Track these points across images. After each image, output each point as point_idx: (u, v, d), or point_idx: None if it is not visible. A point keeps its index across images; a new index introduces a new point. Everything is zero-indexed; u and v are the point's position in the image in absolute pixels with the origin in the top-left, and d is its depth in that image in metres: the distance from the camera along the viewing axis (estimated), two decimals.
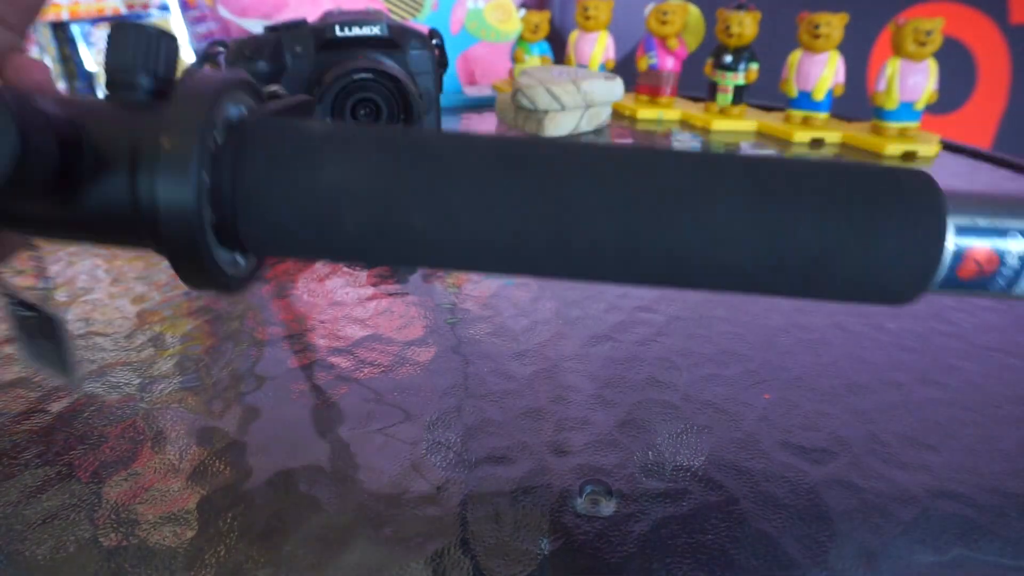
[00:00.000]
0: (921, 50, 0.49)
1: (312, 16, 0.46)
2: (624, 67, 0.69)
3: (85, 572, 0.16)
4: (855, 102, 0.61)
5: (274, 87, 0.18)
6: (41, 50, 0.93)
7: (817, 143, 0.56)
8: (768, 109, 0.63)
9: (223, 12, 0.79)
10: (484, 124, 0.63)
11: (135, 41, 0.15)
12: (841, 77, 0.54)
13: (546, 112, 0.54)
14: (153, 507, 0.18)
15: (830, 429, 0.21)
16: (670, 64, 0.63)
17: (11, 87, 0.16)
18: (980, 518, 0.18)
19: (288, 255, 0.23)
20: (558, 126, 0.55)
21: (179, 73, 0.16)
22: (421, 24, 0.69)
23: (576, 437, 0.21)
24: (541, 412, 0.22)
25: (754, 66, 0.59)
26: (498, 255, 0.15)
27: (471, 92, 0.74)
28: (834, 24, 0.52)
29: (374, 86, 0.41)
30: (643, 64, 0.64)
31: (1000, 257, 0.16)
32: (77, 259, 0.34)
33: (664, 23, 0.61)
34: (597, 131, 0.59)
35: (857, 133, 0.55)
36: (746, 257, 0.15)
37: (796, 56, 0.55)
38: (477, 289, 0.30)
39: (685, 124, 0.63)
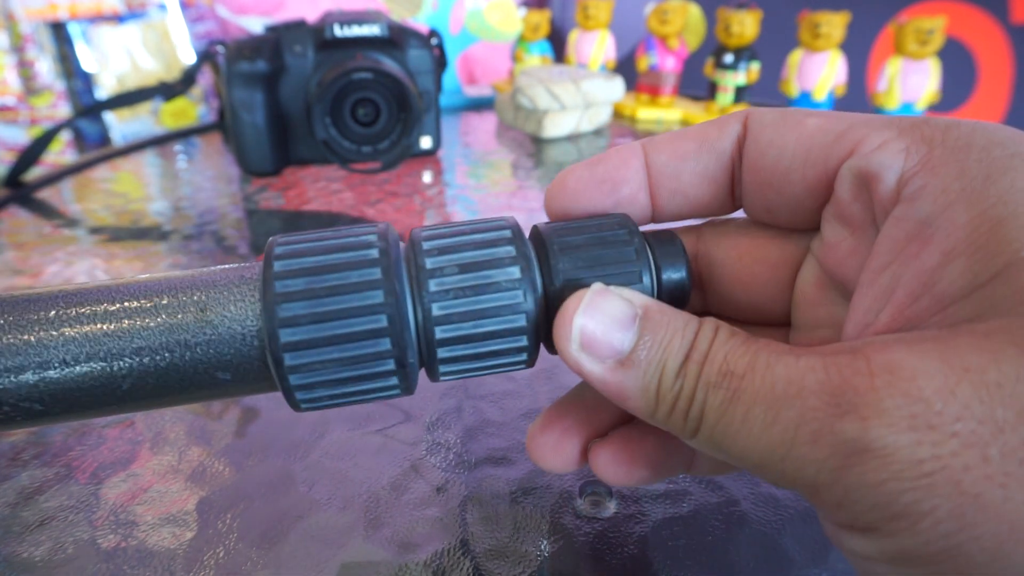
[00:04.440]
0: (922, 49, 0.49)
1: (311, 15, 0.46)
2: (624, 67, 0.69)
3: (83, 573, 0.16)
4: (856, 102, 0.61)
5: None
6: (39, 49, 0.93)
7: None
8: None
9: (221, 11, 0.79)
10: (484, 124, 0.63)
11: None
12: (842, 77, 0.54)
13: (546, 112, 0.54)
14: (152, 508, 0.18)
15: None
16: (670, 64, 0.63)
17: None
18: None
19: None
20: (558, 126, 0.55)
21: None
22: (421, 24, 0.69)
23: None
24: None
25: (755, 66, 0.58)
26: None
27: (471, 92, 0.74)
28: (835, 23, 0.52)
29: (373, 86, 0.41)
30: (643, 64, 0.64)
31: None
32: (75, 259, 0.34)
33: (664, 23, 0.61)
34: (597, 131, 0.59)
35: None
36: None
37: (797, 56, 0.55)
38: None
39: (686, 124, 0.63)
